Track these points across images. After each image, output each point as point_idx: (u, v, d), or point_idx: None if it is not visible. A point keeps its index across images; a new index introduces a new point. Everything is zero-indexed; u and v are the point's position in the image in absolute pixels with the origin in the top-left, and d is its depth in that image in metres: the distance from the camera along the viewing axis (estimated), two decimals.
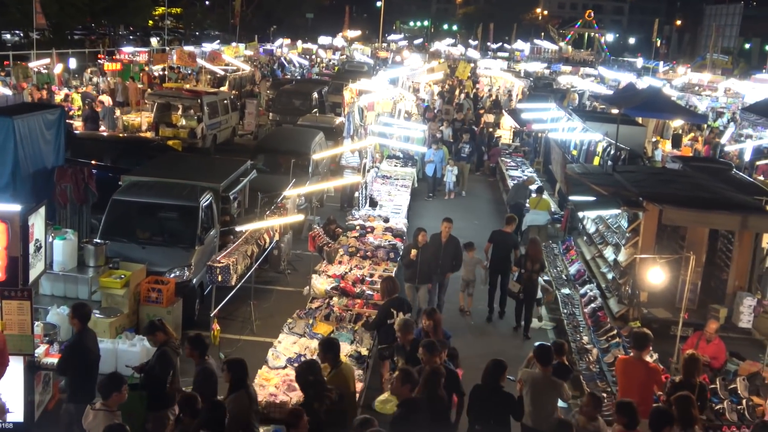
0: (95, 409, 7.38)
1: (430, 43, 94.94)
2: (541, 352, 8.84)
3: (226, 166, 15.40)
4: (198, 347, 8.33)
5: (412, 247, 12.99)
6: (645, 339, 9.25)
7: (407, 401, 7.61)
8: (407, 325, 9.37)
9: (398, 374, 7.91)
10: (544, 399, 8.58)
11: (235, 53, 45.05)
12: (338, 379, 8.25)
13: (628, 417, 7.64)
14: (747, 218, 11.87)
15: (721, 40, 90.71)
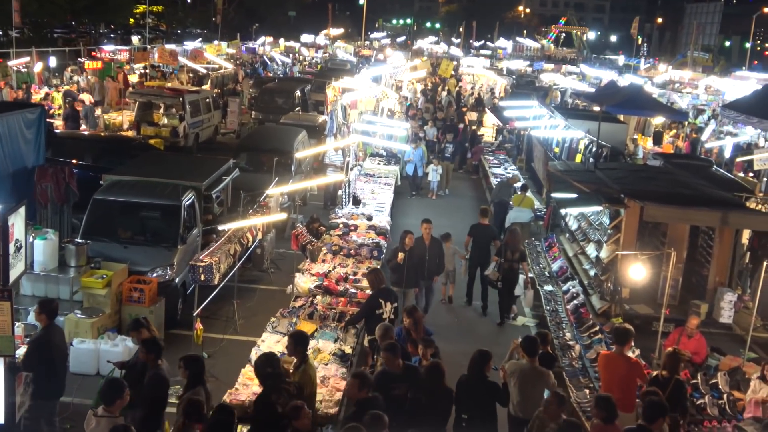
0: (98, 415, 7.31)
1: (413, 41, 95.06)
2: (527, 344, 8.98)
3: (208, 165, 15.32)
4: (153, 350, 8.19)
5: (399, 250, 12.72)
6: (626, 334, 9.32)
7: (363, 401, 7.72)
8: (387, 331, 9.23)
9: (353, 380, 7.97)
10: (531, 389, 8.74)
11: (217, 51, 44.81)
12: (304, 375, 8.26)
13: (606, 411, 7.73)
14: (727, 215, 11.97)
15: (701, 37, 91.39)
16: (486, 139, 31.31)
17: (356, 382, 7.87)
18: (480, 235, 14.74)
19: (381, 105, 26.69)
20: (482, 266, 14.41)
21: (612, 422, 7.74)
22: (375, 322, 10.52)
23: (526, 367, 8.82)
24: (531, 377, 8.75)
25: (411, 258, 12.70)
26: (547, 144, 24.04)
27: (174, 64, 36.16)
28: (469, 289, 14.83)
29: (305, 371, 8.33)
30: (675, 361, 9.08)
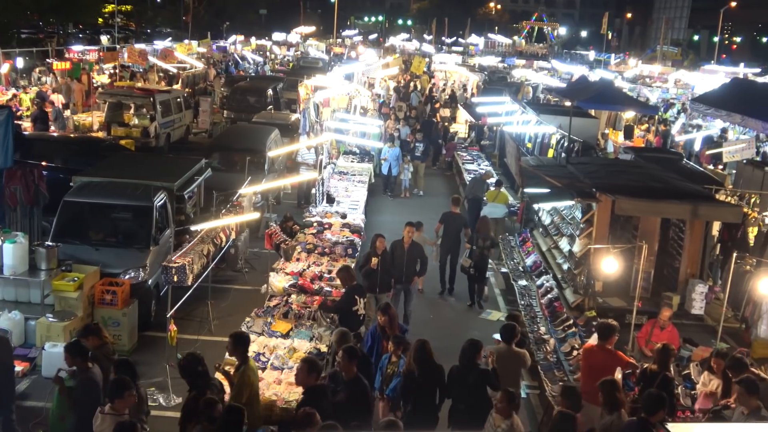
0: (104, 413, 7.30)
1: (385, 38, 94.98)
2: (505, 331, 9.55)
3: (180, 165, 15.22)
4: (77, 354, 8.01)
5: (372, 255, 12.42)
6: (610, 330, 9.42)
7: (312, 388, 7.81)
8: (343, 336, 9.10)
9: (302, 364, 8.05)
10: (510, 369, 9.32)
11: (187, 50, 44.42)
12: (243, 377, 8.20)
13: (571, 400, 7.87)
14: (697, 207, 12.10)
15: (670, 32, 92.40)
16: (460, 136, 31.35)
17: (304, 367, 7.97)
18: (450, 223, 15.21)
19: (354, 103, 26.67)
20: (452, 253, 15.03)
21: (578, 411, 7.88)
22: (351, 319, 10.62)
23: (503, 350, 9.43)
24: (509, 359, 9.33)
25: (384, 261, 12.42)
26: (519, 139, 24.14)
27: (144, 63, 35.80)
28: (441, 277, 15.25)
29: (245, 372, 8.23)
30: (666, 355, 9.19)
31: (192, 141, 28.50)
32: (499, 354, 9.39)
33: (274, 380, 9.65)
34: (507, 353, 9.42)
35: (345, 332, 9.26)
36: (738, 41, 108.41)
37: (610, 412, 7.84)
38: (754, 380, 7.85)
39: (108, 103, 25.07)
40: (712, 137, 28.01)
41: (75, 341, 8.42)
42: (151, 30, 70.21)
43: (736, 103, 22.37)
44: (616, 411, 7.83)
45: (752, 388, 7.69)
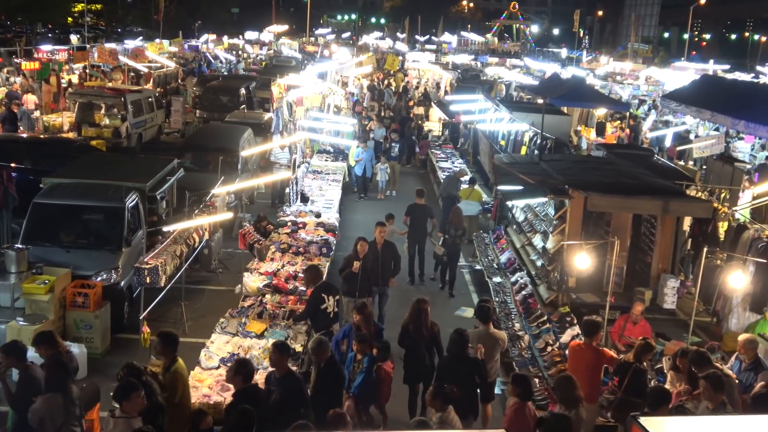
0: (115, 416, 7.24)
1: (358, 36, 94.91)
2: (482, 312, 10.03)
3: (152, 166, 15.10)
4: (12, 353, 7.90)
5: (354, 258, 12.23)
6: (595, 326, 9.52)
7: (241, 390, 7.77)
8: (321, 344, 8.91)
9: (232, 365, 8.04)
10: (489, 351, 9.65)
11: (159, 50, 44.03)
12: (173, 378, 8.13)
13: (521, 388, 8.07)
14: (668, 203, 12.22)
15: (641, 29, 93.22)
16: (433, 134, 31.40)
17: (233, 367, 7.97)
18: (416, 215, 15.70)
19: (327, 101, 26.61)
20: (420, 243, 15.58)
21: (528, 399, 8.11)
22: (321, 318, 10.61)
23: (483, 333, 9.84)
24: (488, 341, 9.71)
25: (365, 265, 12.29)
26: (492, 137, 24.25)
27: (114, 63, 35.45)
28: (410, 268, 15.59)
29: (174, 373, 8.16)
30: (644, 351, 9.30)
31: (164, 141, 28.26)
32: (480, 337, 9.71)
33: None
34: (485, 335, 9.78)
35: (323, 341, 9.07)
36: (707, 38, 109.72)
37: (567, 408, 7.91)
38: (720, 376, 7.95)
39: (78, 104, 24.79)
40: (681, 133, 28.34)
41: (12, 342, 8.35)
42: (121, 29, 69.64)
43: (705, 100, 22.64)
44: (574, 408, 7.91)
45: (717, 384, 7.79)
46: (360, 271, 12.15)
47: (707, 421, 5.86)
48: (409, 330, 10.03)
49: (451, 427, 7.66)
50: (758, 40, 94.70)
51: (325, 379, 8.64)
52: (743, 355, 9.58)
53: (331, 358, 8.85)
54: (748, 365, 9.48)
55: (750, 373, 9.36)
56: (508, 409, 8.25)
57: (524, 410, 8.13)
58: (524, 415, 8.08)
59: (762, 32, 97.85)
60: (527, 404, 8.19)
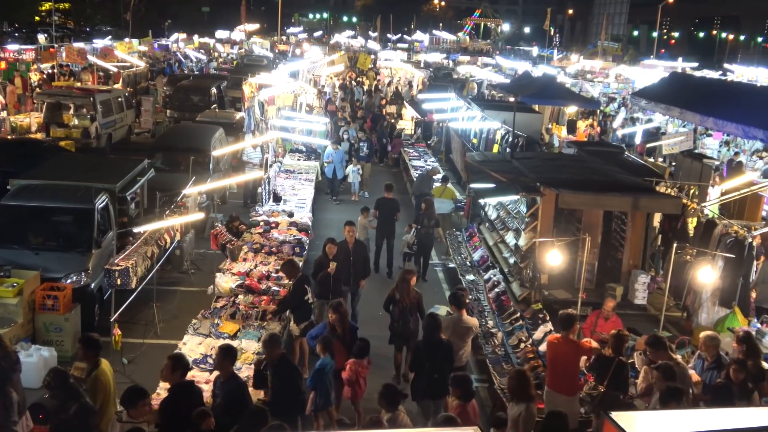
0: (121, 420, 7.25)
1: (330, 35, 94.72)
2: (455, 298, 10.50)
3: (122, 166, 14.94)
4: None
5: (325, 260, 12.14)
6: (571, 320, 9.59)
7: (177, 386, 7.76)
8: (273, 338, 8.89)
9: (168, 362, 7.95)
10: (462, 337, 10.16)
11: (128, 49, 43.61)
12: (96, 382, 8.04)
13: (461, 389, 8.16)
14: (638, 199, 12.35)
15: (610, 27, 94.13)
16: (406, 132, 31.42)
17: (169, 364, 7.87)
18: (385, 208, 16.10)
19: (299, 100, 26.53)
20: (388, 236, 15.95)
21: (469, 400, 8.16)
22: (303, 310, 10.73)
23: (457, 319, 10.24)
24: (462, 328, 10.18)
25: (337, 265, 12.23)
26: (465, 135, 24.33)
27: (83, 63, 35.05)
28: (376, 258, 15.90)
29: (95, 379, 8.06)
30: (620, 342, 9.36)
31: (134, 141, 28.02)
32: (455, 325, 10.13)
33: None
34: (459, 321, 10.22)
35: (275, 336, 9.05)
36: (676, 36, 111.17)
37: (518, 402, 7.97)
38: (671, 366, 8.03)
39: (46, 104, 24.46)
40: (651, 131, 28.65)
41: None
42: (90, 28, 68.87)
43: (674, 97, 22.88)
44: (524, 402, 7.97)
45: (669, 374, 7.87)
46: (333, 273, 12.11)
47: (678, 416, 5.92)
48: (395, 297, 11.11)
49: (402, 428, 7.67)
50: (725, 38, 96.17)
51: (280, 378, 8.57)
52: (705, 353, 9.54)
53: (283, 355, 8.80)
54: (711, 363, 9.43)
55: (713, 372, 9.30)
56: (452, 411, 8.26)
57: (467, 411, 8.18)
58: (467, 415, 8.12)
59: (729, 30, 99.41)
60: (470, 404, 8.24)
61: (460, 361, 10.16)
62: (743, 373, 8.60)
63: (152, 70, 40.88)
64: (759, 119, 17.88)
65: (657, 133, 28.28)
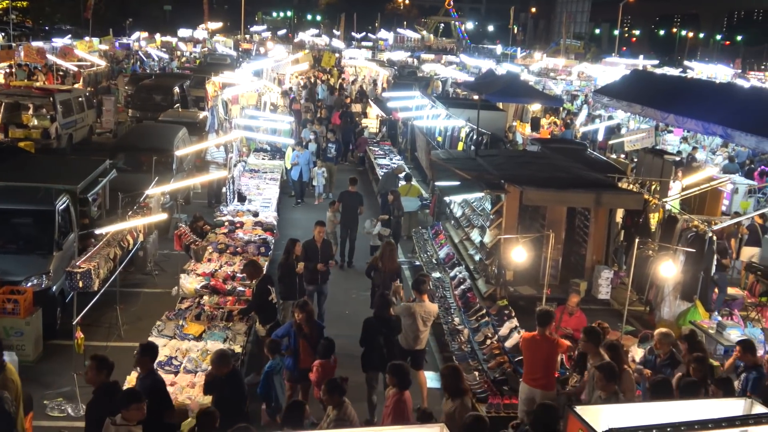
0: (116, 424, 7.09)
1: (294, 33, 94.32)
2: (417, 283, 10.71)
3: (83, 167, 14.71)
4: None
5: (290, 260, 12.04)
6: (548, 316, 9.59)
7: (103, 386, 7.67)
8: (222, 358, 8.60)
9: (92, 363, 7.84)
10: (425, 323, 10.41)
11: (88, 48, 42.96)
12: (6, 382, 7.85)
13: (397, 377, 8.20)
14: (600, 195, 12.50)
15: (573, 26, 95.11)
16: (370, 131, 31.39)
17: (93, 364, 7.75)
18: (348, 201, 16.49)
19: (263, 99, 26.37)
20: (351, 228, 16.34)
21: (405, 388, 8.20)
22: (268, 310, 10.65)
23: (418, 303, 10.39)
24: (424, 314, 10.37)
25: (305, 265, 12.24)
26: (429, 133, 24.40)
27: (41, 62, 34.47)
28: (342, 250, 16.20)
29: (5, 378, 7.88)
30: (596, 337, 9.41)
31: (96, 141, 27.65)
32: (415, 308, 10.32)
33: (188, 384, 9.47)
34: (420, 305, 10.40)
35: (225, 354, 8.77)
36: (637, 34, 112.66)
37: (452, 398, 8.03)
38: (613, 366, 8.08)
39: (4, 104, 24.02)
40: (613, 128, 29.02)
41: None
42: (49, 27, 67.77)
43: (636, 94, 23.20)
44: (459, 398, 8.01)
45: (610, 374, 7.92)
46: (294, 273, 12.07)
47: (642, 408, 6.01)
48: (378, 265, 12.23)
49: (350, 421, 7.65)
50: (685, 36, 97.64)
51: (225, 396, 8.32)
52: (659, 350, 9.52)
53: (233, 372, 8.54)
54: (664, 360, 9.43)
55: (667, 369, 9.29)
56: (388, 399, 8.32)
57: (403, 399, 8.23)
58: (404, 404, 8.18)
59: (689, 28, 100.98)
60: (404, 393, 8.28)
61: (420, 344, 10.48)
62: (700, 372, 8.65)
63: (114, 69, 40.37)
64: (718, 116, 18.22)
65: (618, 130, 28.64)
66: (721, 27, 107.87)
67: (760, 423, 5.60)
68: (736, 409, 5.95)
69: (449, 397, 8.07)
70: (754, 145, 17.16)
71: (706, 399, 7.53)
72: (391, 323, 10.26)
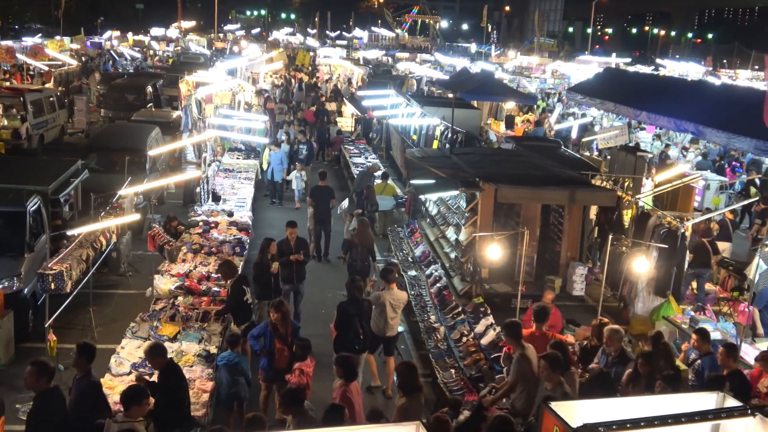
0: (117, 421, 7.08)
1: (269, 32, 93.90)
2: (385, 273, 11.09)
3: (55, 167, 14.56)
4: None
5: (263, 259, 12.01)
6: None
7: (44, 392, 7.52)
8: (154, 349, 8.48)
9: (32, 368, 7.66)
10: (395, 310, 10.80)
11: (59, 47, 42.45)
12: None
13: (344, 369, 8.30)
14: (574, 193, 12.59)
15: (546, 24, 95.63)
16: (344, 129, 31.35)
17: (33, 370, 7.54)
18: (320, 196, 16.71)
19: (237, 98, 26.24)
20: (324, 222, 16.63)
21: (352, 379, 8.30)
22: (243, 310, 10.69)
23: (387, 292, 10.78)
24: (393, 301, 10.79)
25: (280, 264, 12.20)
26: (404, 132, 24.41)
27: (11, 61, 34.02)
28: (317, 244, 16.48)
29: None
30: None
31: (67, 142, 27.34)
32: (385, 296, 10.73)
33: None
34: (389, 294, 10.80)
35: (157, 345, 8.67)
36: (610, 32, 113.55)
37: (406, 395, 8.05)
38: (558, 356, 8.14)
39: None
40: (586, 125, 29.23)
41: None
42: (19, 26, 66.89)
43: (609, 92, 23.38)
44: (413, 394, 8.04)
45: (555, 363, 7.98)
46: (269, 273, 12.01)
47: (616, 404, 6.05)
48: (354, 241, 13.27)
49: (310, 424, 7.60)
50: (657, 34, 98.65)
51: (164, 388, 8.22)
52: (609, 348, 9.39)
53: (168, 365, 8.40)
54: (614, 358, 9.34)
55: (618, 367, 9.20)
56: (335, 391, 8.33)
57: (350, 389, 8.27)
58: (351, 395, 8.21)
59: (661, 26, 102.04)
60: (352, 384, 8.34)
61: (391, 331, 10.87)
62: (649, 366, 8.65)
63: (87, 68, 39.94)
64: (690, 113, 18.41)
65: (593, 128, 28.85)
66: (693, 25, 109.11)
67: (732, 416, 5.68)
68: (709, 403, 6.01)
69: (403, 394, 8.08)
70: (724, 141, 17.36)
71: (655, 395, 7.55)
72: (363, 306, 10.64)
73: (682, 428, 5.46)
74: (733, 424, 5.73)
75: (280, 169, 21.03)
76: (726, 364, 8.98)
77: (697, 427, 5.59)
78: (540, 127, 29.35)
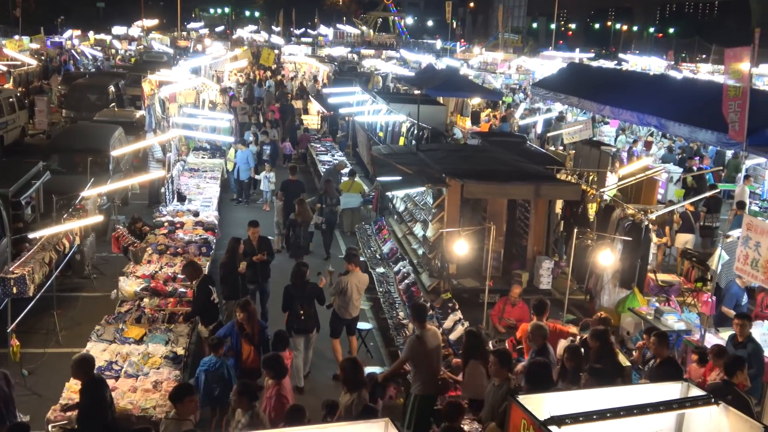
0: (168, 418, 7.41)
1: (233, 30, 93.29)
2: (348, 256, 11.75)
3: (15, 169, 14.34)
4: None
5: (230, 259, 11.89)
6: (543, 306, 9.86)
7: None
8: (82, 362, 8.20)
9: None
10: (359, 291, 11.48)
11: (18, 47, 41.76)
12: None
13: (273, 369, 8.29)
14: (540, 187, 12.65)
15: (510, 19, 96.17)
16: (310, 127, 31.26)
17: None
18: (289, 189, 17.19)
19: (202, 97, 26.03)
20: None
21: (281, 378, 8.26)
22: (210, 310, 10.63)
23: (351, 274, 11.38)
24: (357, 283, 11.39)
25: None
26: (371, 129, 24.39)
27: None
28: (286, 238, 16.77)
29: None
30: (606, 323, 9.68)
31: (28, 143, 26.94)
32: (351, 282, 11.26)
33: (129, 388, 9.26)
34: (353, 276, 11.38)
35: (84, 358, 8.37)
36: (573, 27, 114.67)
37: (350, 391, 8.03)
38: (509, 353, 8.23)
39: None
40: (551, 120, 29.44)
41: None
42: None
43: (573, 87, 23.60)
44: (357, 391, 8.02)
45: (504, 360, 8.04)
46: (236, 273, 11.92)
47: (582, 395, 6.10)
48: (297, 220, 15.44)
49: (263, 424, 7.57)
50: (620, 29, 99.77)
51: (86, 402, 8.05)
52: (532, 342, 9.30)
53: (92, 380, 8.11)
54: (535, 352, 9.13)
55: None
56: (269, 391, 8.26)
57: (283, 386, 8.23)
58: (284, 393, 8.18)
59: (623, 21, 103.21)
60: (284, 381, 8.30)
61: (355, 312, 11.55)
62: (574, 362, 8.70)
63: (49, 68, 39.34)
64: (652, 107, 18.64)
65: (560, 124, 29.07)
66: (654, 20, 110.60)
67: (696, 405, 5.76)
68: (674, 393, 6.09)
69: (347, 391, 8.03)
70: (687, 134, 17.63)
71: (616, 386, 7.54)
72: (305, 290, 11.01)
73: (647, 418, 5.53)
74: (698, 413, 5.81)
75: (246, 168, 20.78)
76: (659, 352, 9.03)
77: (662, 416, 5.66)
78: (506, 122, 29.52)
